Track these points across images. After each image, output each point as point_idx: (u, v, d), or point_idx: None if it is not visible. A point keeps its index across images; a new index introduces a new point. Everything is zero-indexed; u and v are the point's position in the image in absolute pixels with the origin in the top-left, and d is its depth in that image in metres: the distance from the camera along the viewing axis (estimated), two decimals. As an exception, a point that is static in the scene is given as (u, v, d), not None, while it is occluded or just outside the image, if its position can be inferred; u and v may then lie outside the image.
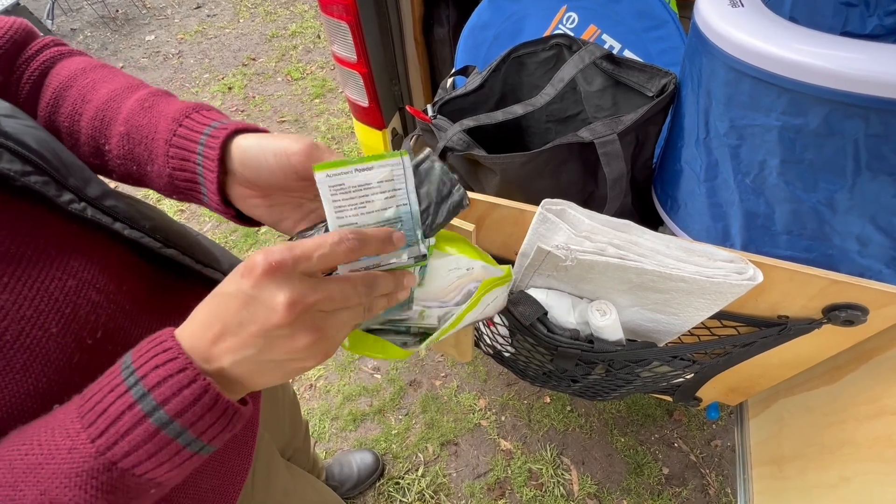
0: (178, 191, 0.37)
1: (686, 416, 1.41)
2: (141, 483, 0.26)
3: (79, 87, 0.38)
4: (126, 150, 0.36)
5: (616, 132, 0.53)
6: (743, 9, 0.43)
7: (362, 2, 0.94)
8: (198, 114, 0.36)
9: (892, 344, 0.53)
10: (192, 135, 0.34)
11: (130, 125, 0.36)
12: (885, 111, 0.36)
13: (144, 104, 0.37)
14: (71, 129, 0.37)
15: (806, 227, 0.47)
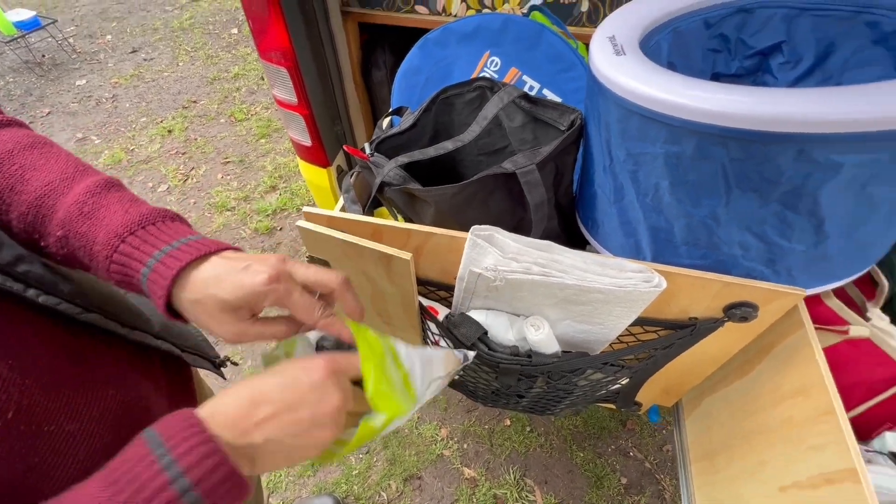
0: (128, 288, 0.37)
1: (638, 425, 1.48)
2: None
3: (6, 175, 0.35)
4: (65, 252, 0.35)
5: (534, 163, 0.58)
6: (625, 56, 0.51)
7: (300, 48, 0.98)
8: (141, 233, 0.34)
9: (785, 335, 0.61)
10: (133, 263, 0.34)
11: (68, 230, 0.34)
12: (741, 139, 0.44)
13: (83, 209, 0.35)
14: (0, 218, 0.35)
15: (698, 238, 0.54)
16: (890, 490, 0.54)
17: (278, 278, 0.34)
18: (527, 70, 0.85)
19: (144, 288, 0.34)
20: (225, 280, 0.34)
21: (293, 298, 0.35)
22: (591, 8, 0.96)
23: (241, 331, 0.35)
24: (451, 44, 0.88)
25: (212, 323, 0.34)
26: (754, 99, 0.42)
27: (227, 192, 2.33)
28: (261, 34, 0.99)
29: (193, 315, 0.34)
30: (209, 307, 0.33)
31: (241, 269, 0.34)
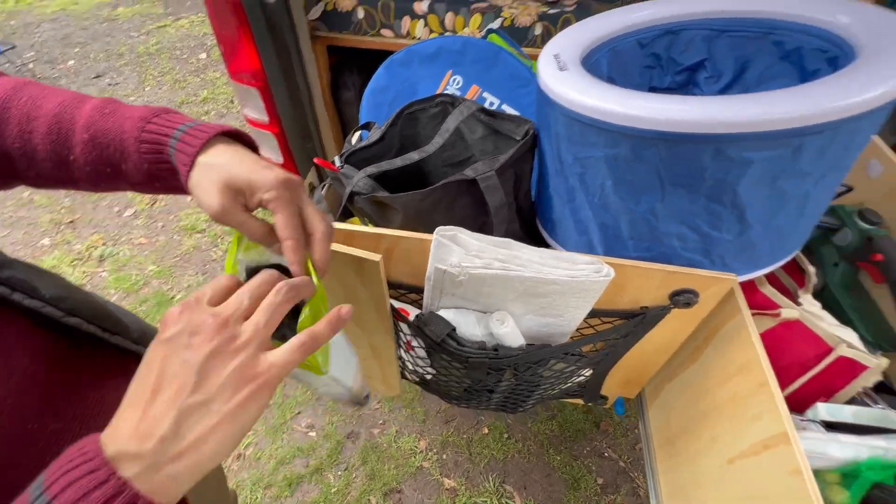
0: (157, 178, 0.39)
1: (612, 426, 1.52)
2: None
3: (18, 109, 0.37)
4: (94, 154, 0.38)
5: (493, 169, 0.63)
6: (568, 72, 0.57)
7: (270, 69, 1.02)
8: (162, 115, 0.39)
9: (726, 320, 0.67)
10: (161, 138, 0.37)
11: (94, 131, 0.37)
12: (667, 140, 0.50)
13: (104, 111, 0.38)
14: (23, 149, 0.38)
15: (642, 232, 0.60)
16: (823, 453, 0.59)
17: (287, 185, 0.36)
18: (487, 87, 0.91)
19: (172, 155, 0.37)
20: (245, 162, 0.36)
21: (287, 210, 0.36)
22: (544, 31, 1.04)
23: (228, 210, 0.36)
24: (415, 64, 0.94)
25: (210, 192, 0.35)
26: (675, 106, 0.48)
27: (196, 215, 2.30)
28: (231, 55, 1.02)
29: (197, 179, 0.36)
30: (215, 176, 0.35)
31: (263, 164, 0.37)
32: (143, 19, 4.23)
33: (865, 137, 0.52)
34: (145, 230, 2.25)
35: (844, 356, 0.67)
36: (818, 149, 0.48)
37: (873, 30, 0.53)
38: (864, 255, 0.85)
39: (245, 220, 0.37)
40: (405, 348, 0.74)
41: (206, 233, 2.22)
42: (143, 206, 2.37)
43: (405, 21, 1.08)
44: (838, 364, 0.68)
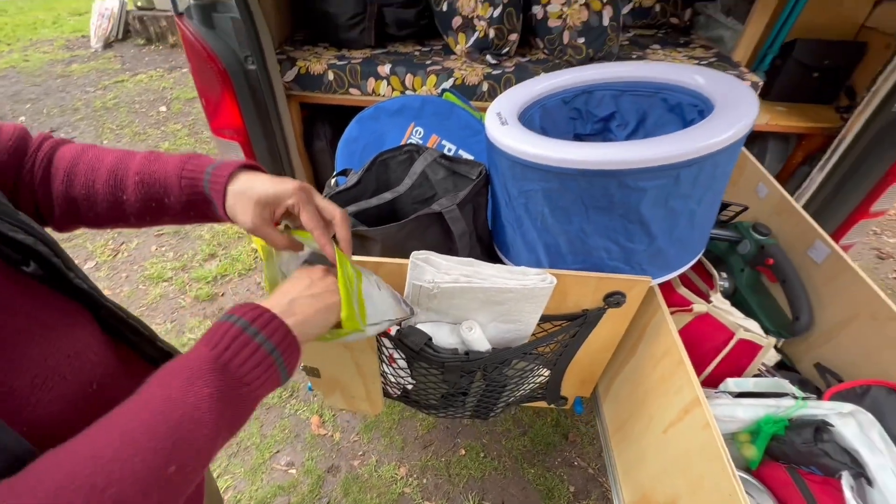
0: (192, 207, 0.50)
1: (579, 436, 1.63)
2: (243, 394, 0.38)
3: (85, 164, 0.49)
4: (143, 192, 0.49)
5: (455, 204, 0.77)
6: (508, 126, 0.73)
7: (251, 125, 1.14)
8: (195, 159, 0.51)
9: (651, 317, 0.82)
10: (196, 175, 0.49)
11: (143, 175, 0.49)
12: (585, 176, 0.66)
13: (150, 159, 0.50)
14: (87, 195, 0.49)
15: (576, 248, 0.75)
16: (732, 416, 0.74)
17: (302, 189, 0.48)
18: (445, 136, 1.08)
19: (206, 188, 0.48)
20: (265, 182, 0.48)
21: (308, 208, 0.48)
22: (490, 88, 1.23)
23: (259, 224, 0.48)
24: (383, 118, 1.09)
25: (244, 212, 0.47)
26: (588, 150, 0.65)
27: (162, 264, 2.31)
28: (214, 114, 1.14)
29: (232, 204, 0.48)
30: (245, 198, 0.47)
31: (277, 179, 0.48)
32: (99, 75, 4.26)
33: (727, 167, 0.70)
34: (108, 282, 2.22)
35: (743, 338, 0.84)
36: (692, 177, 0.65)
37: (722, 89, 0.73)
38: (760, 260, 1.05)
39: (271, 233, 0.50)
40: (388, 362, 0.84)
41: (172, 281, 2.22)
42: (104, 257, 2.35)
43: (370, 81, 1.24)
44: (740, 346, 0.84)
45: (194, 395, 0.35)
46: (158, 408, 0.34)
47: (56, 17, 5.79)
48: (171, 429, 0.33)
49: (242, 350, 0.38)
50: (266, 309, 0.42)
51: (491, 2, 1.19)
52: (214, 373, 0.36)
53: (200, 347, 0.38)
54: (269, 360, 0.40)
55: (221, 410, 0.36)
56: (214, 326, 0.40)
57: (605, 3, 1.21)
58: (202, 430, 0.35)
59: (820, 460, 0.67)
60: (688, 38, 1.60)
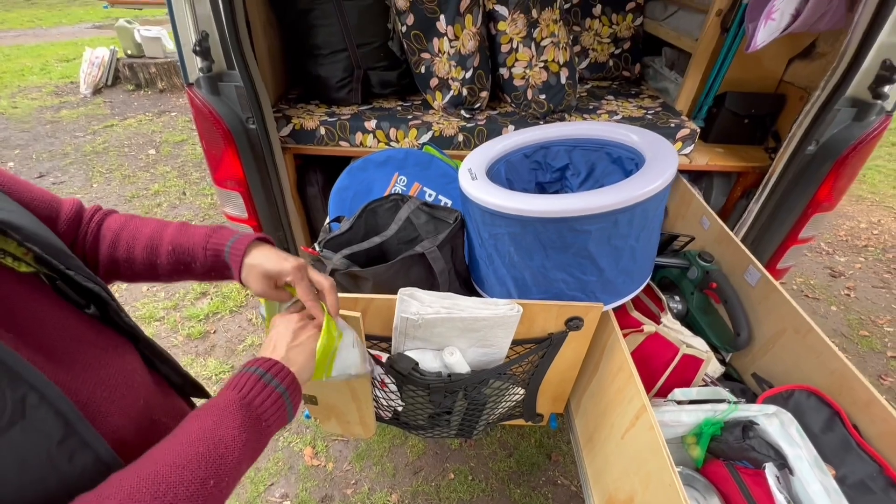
0: (214, 270, 0.62)
1: (561, 455, 1.72)
2: (262, 428, 0.48)
3: (128, 232, 0.61)
4: (174, 259, 0.61)
5: (435, 245, 0.91)
6: (478, 180, 0.87)
7: (251, 177, 1.27)
8: (218, 232, 0.63)
9: (607, 338, 0.95)
10: (219, 247, 0.61)
11: (175, 244, 0.61)
12: (542, 221, 0.80)
13: (181, 230, 0.62)
14: (128, 258, 0.61)
15: (539, 281, 0.88)
16: (678, 421, 0.86)
17: (300, 269, 0.61)
18: (426, 184, 1.22)
19: (227, 258, 0.60)
20: (272, 259, 0.60)
21: (302, 283, 0.61)
22: (464, 139, 1.39)
23: (266, 290, 0.61)
24: (370, 169, 1.23)
25: (255, 282, 0.60)
26: (542, 201, 0.79)
27: (154, 304, 2.36)
28: (217, 167, 1.27)
29: (245, 274, 0.60)
30: (256, 272, 0.60)
31: (283, 257, 0.61)
32: (88, 120, 4.37)
33: (657, 210, 0.85)
34: (100, 323, 2.26)
35: (687, 354, 0.97)
36: (627, 220, 0.80)
37: (651, 145, 0.89)
38: (705, 284, 1.20)
39: (274, 294, 0.63)
40: (380, 386, 0.95)
41: (164, 320, 2.28)
42: (96, 299, 2.39)
43: (358, 135, 1.39)
44: (685, 360, 0.98)
45: (226, 427, 0.45)
46: (199, 437, 0.43)
47: (44, 64, 5.93)
48: (210, 453, 0.43)
49: (261, 392, 0.49)
50: (276, 360, 0.53)
51: (463, 65, 1.37)
52: (241, 410, 0.47)
53: (227, 392, 0.49)
54: (281, 400, 0.51)
55: (246, 440, 0.46)
56: (238, 375, 0.51)
57: (561, 66, 1.40)
58: (232, 454, 0.44)
59: (749, 454, 0.80)
60: (638, 89, 1.81)
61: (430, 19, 1.32)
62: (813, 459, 0.77)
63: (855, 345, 2.28)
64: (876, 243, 3.05)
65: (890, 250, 2.99)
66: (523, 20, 1.32)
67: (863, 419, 0.84)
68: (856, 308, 2.51)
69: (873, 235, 3.14)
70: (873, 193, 3.62)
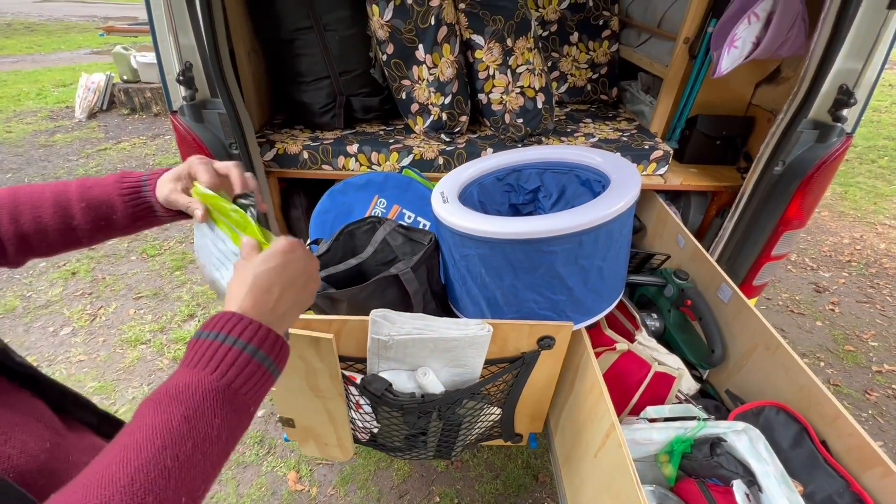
0: (139, 217, 0.58)
1: (548, 476, 1.71)
2: (243, 401, 0.39)
3: (26, 201, 0.55)
4: (91, 215, 0.57)
5: (409, 267, 0.92)
6: (449, 203, 0.90)
7: (233, 201, 1.29)
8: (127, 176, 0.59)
9: (580, 357, 0.96)
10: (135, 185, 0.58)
11: (87, 200, 0.57)
12: (509, 243, 0.82)
13: (86, 186, 0.57)
14: (37, 229, 0.55)
15: (510, 300, 0.90)
16: (649, 439, 0.86)
17: (199, 159, 0.57)
18: (405, 206, 1.25)
19: (146, 194, 0.57)
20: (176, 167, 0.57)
21: (203, 167, 0.56)
22: (444, 162, 1.43)
23: (173, 192, 0.55)
24: (351, 192, 1.26)
25: (165, 189, 0.55)
26: (509, 223, 0.81)
27: (140, 326, 2.35)
28: (200, 192, 1.29)
29: (160, 190, 0.56)
30: (164, 181, 0.56)
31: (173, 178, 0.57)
32: (82, 144, 4.41)
33: (622, 231, 0.88)
34: (84, 347, 2.25)
35: (659, 371, 0.98)
36: (593, 241, 0.82)
37: (616, 168, 0.92)
38: (681, 302, 1.22)
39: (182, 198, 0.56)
40: (355, 408, 0.95)
41: (150, 343, 2.26)
42: (81, 322, 2.38)
43: (340, 159, 1.42)
44: (657, 378, 0.99)
45: (206, 423, 0.37)
46: (169, 436, 0.35)
47: (40, 90, 6.01)
48: (185, 456, 0.35)
49: (252, 377, 0.40)
50: (269, 329, 0.43)
51: (442, 92, 1.42)
52: (224, 405, 0.38)
53: (203, 374, 0.38)
54: (271, 380, 0.43)
55: (228, 437, 0.39)
56: (220, 350, 0.40)
57: (537, 91, 1.45)
58: (213, 449, 0.37)
59: (718, 472, 0.80)
60: (615, 112, 1.87)
61: (409, 48, 1.37)
62: (780, 476, 0.78)
63: (840, 360, 2.29)
64: (859, 258, 3.10)
65: (873, 265, 3.03)
66: (499, 49, 1.37)
67: (830, 434, 0.85)
68: (841, 323, 2.53)
69: (856, 251, 3.19)
70: (855, 209, 3.69)
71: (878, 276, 2.93)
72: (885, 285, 2.84)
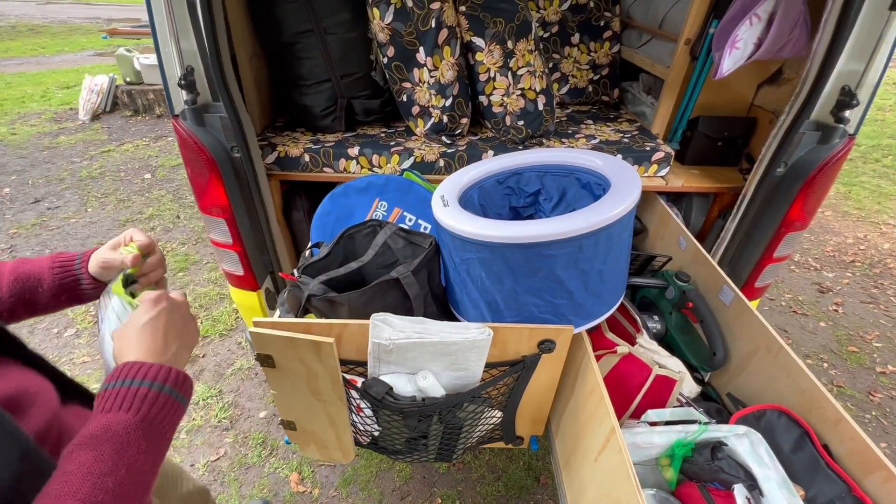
0: (64, 290, 0.62)
1: (550, 478, 1.70)
2: (159, 429, 0.46)
3: None
4: (18, 287, 0.61)
5: (410, 271, 0.93)
6: (449, 207, 0.90)
7: (235, 204, 1.29)
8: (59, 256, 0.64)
9: (581, 360, 0.96)
10: (67, 264, 0.63)
11: (17, 274, 0.62)
12: (509, 247, 0.82)
13: (21, 262, 0.63)
14: None
15: (511, 304, 0.90)
16: (650, 442, 0.86)
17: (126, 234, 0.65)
18: (406, 209, 1.25)
19: (77, 269, 0.63)
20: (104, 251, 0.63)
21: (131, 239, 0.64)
22: (445, 164, 1.43)
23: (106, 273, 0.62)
24: (352, 195, 1.26)
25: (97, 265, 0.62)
26: (509, 227, 0.81)
27: (143, 328, 2.36)
28: (202, 195, 1.29)
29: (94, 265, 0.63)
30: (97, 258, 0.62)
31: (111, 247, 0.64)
32: (86, 146, 4.43)
33: (622, 234, 0.88)
34: (88, 348, 2.26)
35: (660, 374, 0.98)
36: (593, 245, 0.82)
37: (616, 171, 0.92)
38: (682, 304, 1.22)
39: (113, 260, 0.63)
40: (356, 411, 0.95)
41: (154, 345, 2.27)
42: (85, 324, 2.39)
43: (342, 161, 1.43)
44: (658, 381, 0.99)
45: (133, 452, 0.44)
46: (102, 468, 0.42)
47: (45, 91, 6.04)
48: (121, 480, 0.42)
49: (163, 409, 0.47)
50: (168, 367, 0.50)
51: (442, 94, 1.42)
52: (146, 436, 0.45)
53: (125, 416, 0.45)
54: (181, 408, 0.50)
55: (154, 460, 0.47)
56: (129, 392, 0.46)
57: (538, 93, 1.44)
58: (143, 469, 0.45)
59: (719, 476, 0.80)
60: (617, 114, 1.87)
61: (409, 51, 1.37)
62: (782, 480, 0.78)
63: (844, 361, 2.28)
64: (863, 258, 3.09)
65: (877, 265, 3.02)
66: (499, 51, 1.37)
67: (832, 438, 0.85)
68: (844, 324, 2.52)
69: (860, 251, 3.17)
70: (859, 209, 3.67)
71: (882, 276, 2.92)
72: (889, 286, 2.83)
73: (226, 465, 1.73)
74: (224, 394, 2.02)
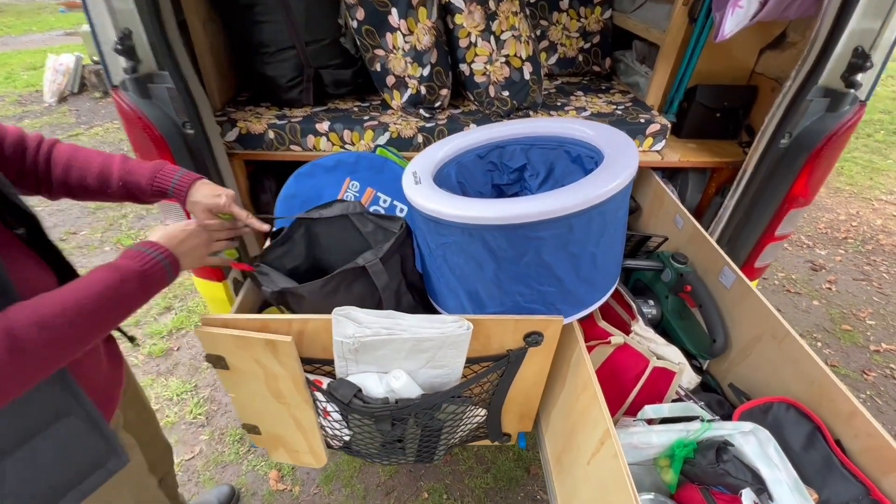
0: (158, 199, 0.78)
1: (540, 469, 1.64)
2: (150, 283, 0.62)
3: (79, 164, 0.72)
4: (124, 191, 0.75)
5: (378, 257, 0.82)
6: (421, 185, 0.79)
7: (191, 186, 1.17)
8: (161, 170, 0.77)
9: (571, 353, 0.87)
10: (164, 184, 0.76)
11: (124, 180, 0.74)
12: (488, 228, 0.72)
13: (126, 167, 0.74)
14: (81, 185, 0.72)
15: (493, 293, 0.80)
16: (648, 443, 0.78)
17: (231, 199, 0.78)
18: (380, 189, 1.13)
19: (171, 194, 0.76)
20: (209, 196, 0.77)
21: (234, 209, 0.78)
22: (424, 140, 1.31)
23: (207, 218, 0.77)
24: (319, 174, 1.14)
25: (199, 213, 0.77)
26: (486, 206, 0.71)
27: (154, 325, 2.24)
28: (154, 178, 1.16)
29: (190, 207, 0.77)
30: (198, 207, 0.77)
31: (217, 193, 0.77)
32: (52, 129, 4.20)
33: (616, 213, 0.78)
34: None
35: (658, 366, 0.90)
36: (585, 224, 0.72)
37: (609, 141, 0.82)
38: (680, 287, 1.13)
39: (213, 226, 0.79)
40: (323, 415, 0.86)
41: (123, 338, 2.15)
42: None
43: (310, 138, 1.30)
44: (656, 373, 0.90)
45: (129, 285, 0.59)
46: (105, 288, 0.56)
47: (9, 73, 5.72)
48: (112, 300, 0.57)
49: (158, 272, 0.64)
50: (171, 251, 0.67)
51: (419, 62, 1.29)
52: (141, 280, 0.61)
53: (131, 264, 0.61)
54: (167, 274, 0.66)
55: (141, 297, 0.62)
56: (144, 253, 0.63)
57: (524, 60, 1.32)
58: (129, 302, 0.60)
59: (725, 480, 0.72)
60: (609, 85, 1.75)
61: (381, 13, 1.23)
62: (793, 482, 0.70)
63: (837, 339, 2.24)
64: (855, 235, 3.04)
65: (869, 242, 2.98)
66: (481, 12, 1.24)
67: (846, 433, 0.77)
68: (837, 302, 2.48)
69: (852, 227, 3.13)
70: (851, 185, 3.62)
71: (874, 252, 2.88)
72: (881, 262, 2.79)
73: (201, 464, 1.64)
74: (199, 388, 1.92)
